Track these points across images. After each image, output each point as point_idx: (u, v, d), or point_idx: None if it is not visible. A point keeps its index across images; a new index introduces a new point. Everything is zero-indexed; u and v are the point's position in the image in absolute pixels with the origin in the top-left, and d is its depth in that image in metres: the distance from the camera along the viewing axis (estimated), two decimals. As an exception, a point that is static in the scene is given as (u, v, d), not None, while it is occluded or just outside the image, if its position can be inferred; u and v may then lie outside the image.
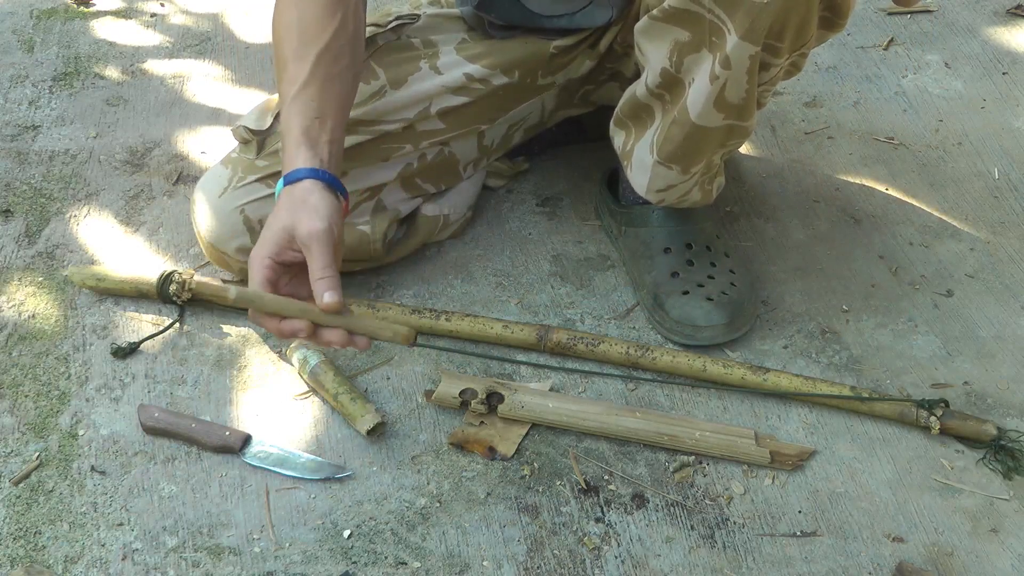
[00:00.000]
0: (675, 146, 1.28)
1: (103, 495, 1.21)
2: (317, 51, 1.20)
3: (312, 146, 1.15)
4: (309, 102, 1.18)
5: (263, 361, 1.36)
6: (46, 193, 1.61)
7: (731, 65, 1.15)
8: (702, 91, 1.20)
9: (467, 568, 1.14)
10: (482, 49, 1.42)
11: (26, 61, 1.90)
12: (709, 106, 1.21)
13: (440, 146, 1.43)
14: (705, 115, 1.22)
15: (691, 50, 1.18)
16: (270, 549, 1.16)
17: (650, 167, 1.33)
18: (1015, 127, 1.74)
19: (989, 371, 1.35)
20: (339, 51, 1.22)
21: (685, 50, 1.19)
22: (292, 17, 1.24)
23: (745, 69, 1.16)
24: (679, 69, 1.21)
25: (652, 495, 1.22)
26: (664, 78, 1.24)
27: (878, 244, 1.53)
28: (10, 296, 1.44)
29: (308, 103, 1.18)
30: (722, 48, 1.15)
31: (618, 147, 1.40)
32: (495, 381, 1.31)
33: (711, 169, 1.35)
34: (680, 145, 1.27)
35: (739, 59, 1.15)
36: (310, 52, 1.20)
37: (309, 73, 1.19)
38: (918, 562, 1.15)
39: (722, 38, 1.14)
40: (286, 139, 1.17)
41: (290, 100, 1.19)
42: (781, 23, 1.12)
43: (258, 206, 1.33)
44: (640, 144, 1.34)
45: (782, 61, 1.19)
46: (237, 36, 1.97)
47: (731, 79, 1.17)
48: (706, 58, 1.18)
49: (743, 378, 1.30)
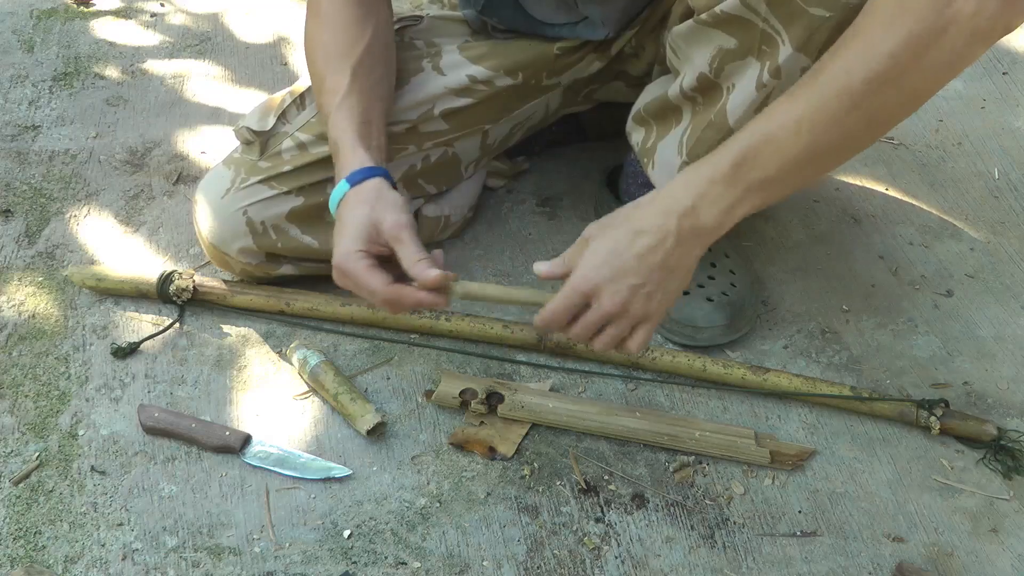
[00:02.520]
0: (707, 149, 1.27)
1: (103, 495, 1.21)
2: (352, 63, 1.25)
3: (367, 148, 1.20)
4: (354, 108, 1.23)
5: (263, 361, 1.36)
6: (46, 193, 1.61)
7: (782, 75, 1.14)
8: (745, 98, 1.19)
9: (467, 568, 1.14)
10: (485, 50, 1.42)
11: (26, 61, 1.90)
12: (750, 113, 1.20)
13: (444, 147, 1.43)
14: (744, 122, 1.21)
15: (735, 57, 1.18)
16: (270, 549, 1.16)
17: (676, 167, 1.32)
18: (1015, 127, 1.74)
19: (989, 371, 1.35)
20: (373, 63, 1.27)
21: (728, 57, 1.18)
22: (324, 36, 1.29)
23: (794, 80, 1.15)
24: (719, 75, 1.20)
25: (652, 495, 1.22)
26: (701, 82, 1.23)
27: (878, 244, 1.53)
28: (10, 296, 1.44)
29: (353, 109, 1.23)
30: (773, 58, 1.14)
31: (636, 143, 1.39)
32: (495, 381, 1.31)
33: None
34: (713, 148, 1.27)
35: (791, 70, 1.14)
36: (346, 65, 1.25)
37: (348, 84, 1.24)
38: (918, 562, 1.15)
39: (774, 48, 1.13)
40: (341, 144, 1.21)
41: (335, 109, 1.23)
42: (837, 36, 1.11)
43: (261, 207, 1.33)
44: (665, 143, 1.33)
45: None
46: (237, 36, 1.97)
47: (778, 89, 1.16)
48: (752, 66, 1.16)
49: (743, 378, 1.30)
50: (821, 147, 1.01)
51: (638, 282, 1.06)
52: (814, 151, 1.01)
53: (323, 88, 1.26)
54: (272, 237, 1.35)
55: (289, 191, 1.34)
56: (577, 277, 1.07)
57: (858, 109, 0.98)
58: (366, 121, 1.23)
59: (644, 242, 1.06)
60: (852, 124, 1.00)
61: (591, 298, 1.08)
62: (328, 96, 1.24)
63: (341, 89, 1.23)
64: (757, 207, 1.06)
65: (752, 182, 1.03)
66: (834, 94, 0.98)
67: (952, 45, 0.94)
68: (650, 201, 1.08)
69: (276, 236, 1.35)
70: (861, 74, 0.97)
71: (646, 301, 1.07)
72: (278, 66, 1.89)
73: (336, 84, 1.24)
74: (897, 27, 0.94)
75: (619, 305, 1.07)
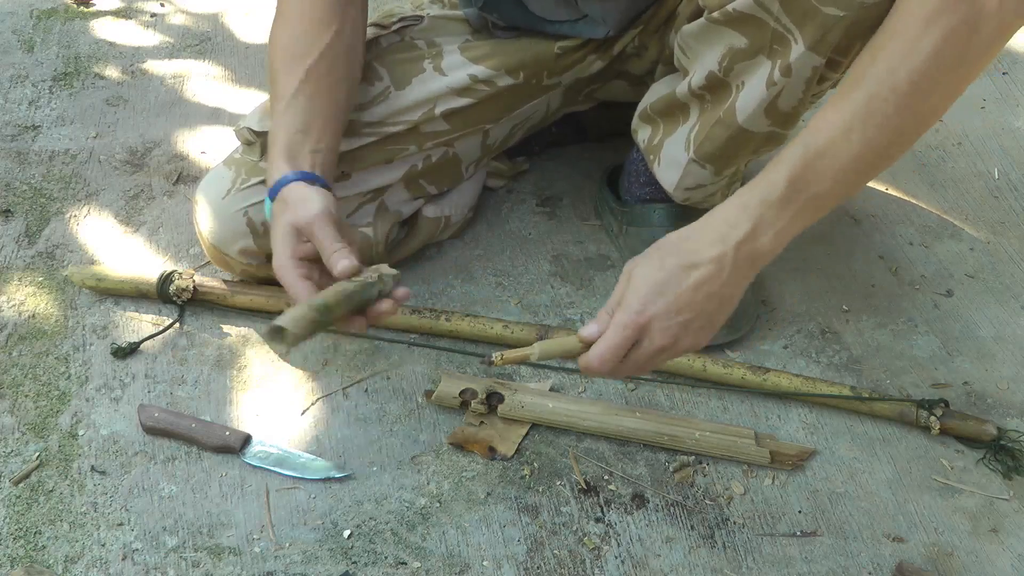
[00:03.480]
0: (716, 146, 1.28)
1: (103, 495, 1.21)
2: (307, 65, 1.23)
3: (292, 159, 1.19)
4: (294, 116, 1.21)
5: (263, 361, 1.36)
6: (46, 193, 1.61)
7: (792, 74, 1.15)
8: (755, 96, 1.19)
9: (467, 568, 1.14)
10: (486, 50, 1.42)
11: (26, 61, 1.90)
12: (760, 111, 1.21)
13: (444, 147, 1.42)
14: (753, 119, 1.22)
15: (745, 56, 1.18)
16: (270, 549, 1.16)
17: (683, 164, 1.33)
18: (1015, 127, 1.74)
19: (989, 371, 1.35)
20: (333, 62, 1.25)
21: (739, 56, 1.18)
22: (285, 33, 1.27)
23: (805, 79, 1.16)
24: (728, 73, 1.21)
25: (652, 495, 1.22)
26: (710, 80, 1.23)
27: (878, 244, 1.53)
28: (10, 296, 1.44)
29: (293, 117, 1.21)
30: (785, 56, 1.14)
31: (642, 141, 1.39)
32: (495, 381, 1.31)
33: (738, 174, 1.35)
34: (721, 146, 1.27)
35: (801, 69, 1.14)
36: (300, 66, 1.23)
37: (296, 87, 1.22)
38: (918, 562, 1.15)
39: (786, 47, 1.14)
40: (269, 156, 1.20)
41: (276, 116, 1.22)
42: (850, 38, 1.11)
43: (262, 208, 1.33)
44: (672, 140, 1.33)
45: (838, 75, 1.18)
46: (237, 36, 1.97)
47: (788, 87, 1.17)
48: (763, 64, 1.17)
49: (743, 378, 1.30)
50: (871, 152, 1.00)
51: (691, 316, 1.02)
52: (865, 157, 1.00)
53: (274, 91, 1.25)
54: (273, 238, 1.35)
55: None
56: (630, 312, 1.02)
57: (907, 109, 0.98)
58: (303, 129, 1.21)
59: (699, 274, 1.01)
60: (900, 124, 0.99)
61: (642, 334, 1.03)
62: (275, 101, 1.24)
63: (287, 93, 1.22)
64: (809, 224, 1.03)
65: (808, 199, 1.01)
66: (881, 97, 0.98)
67: (987, 38, 0.95)
68: (701, 229, 1.04)
69: (276, 237, 1.35)
70: (905, 74, 0.96)
71: (696, 335, 1.03)
72: (278, 66, 1.89)
73: (284, 88, 1.23)
74: (936, 25, 0.95)
75: (670, 339, 1.03)
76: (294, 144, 1.20)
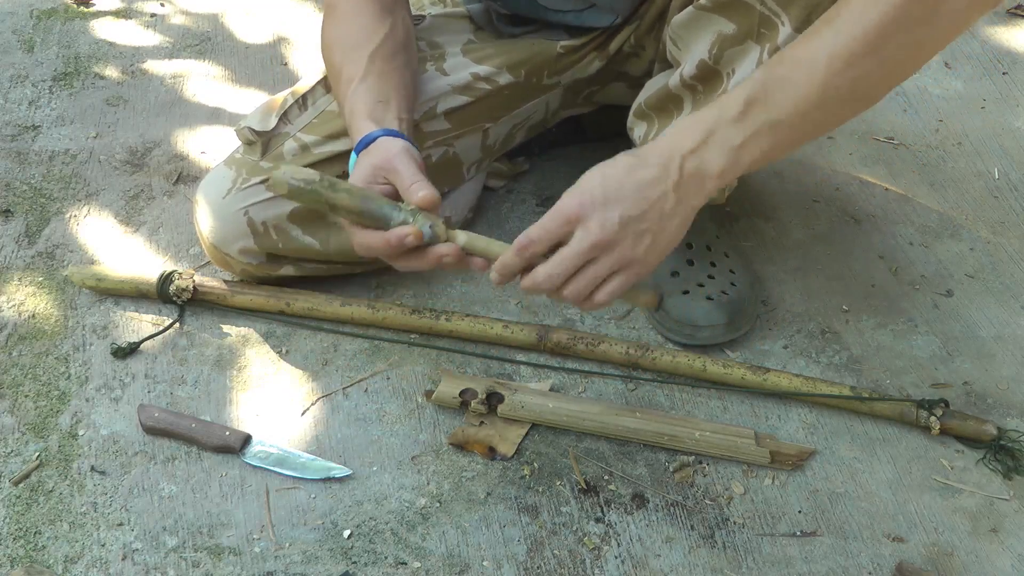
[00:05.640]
0: None
1: (103, 495, 1.21)
2: (369, 51, 1.23)
3: (379, 121, 1.18)
4: (368, 91, 1.20)
5: (263, 361, 1.36)
6: (46, 193, 1.61)
7: None
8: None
9: (467, 568, 1.14)
10: (489, 51, 1.42)
11: (26, 61, 1.90)
12: None
13: (444, 146, 1.42)
14: None
15: (734, 43, 1.18)
16: (270, 549, 1.16)
17: None
18: (1015, 127, 1.74)
19: (989, 371, 1.35)
20: (393, 51, 1.26)
21: (727, 42, 1.19)
22: (340, 32, 1.28)
23: None
24: (718, 61, 1.21)
25: (652, 495, 1.22)
26: (701, 70, 1.24)
27: (878, 244, 1.53)
28: (10, 296, 1.44)
29: (368, 92, 1.20)
30: (773, 40, 1.15)
31: (638, 138, 1.39)
32: (495, 381, 1.31)
33: None
34: None
35: None
36: (363, 53, 1.23)
37: (365, 69, 1.22)
38: (918, 562, 1.15)
39: (774, 30, 1.14)
40: (351, 124, 1.19)
41: (349, 95, 1.21)
42: None
43: (262, 208, 1.33)
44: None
45: None
46: (237, 36, 1.97)
47: None
48: (753, 49, 1.18)
49: (743, 378, 1.30)
50: (834, 91, 0.99)
51: (634, 213, 1.00)
52: (826, 93, 0.99)
53: (340, 79, 1.25)
54: (273, 238, 1.35)
55: None
56: (563, 201, 1.00)
57: (873, 54, 0.98)
58: (382, 101, 1.21)
59: (644, 174, 1.01)
60: (865, 69, 0.99)
61: (577, 225, 1.01)
62: (344, 85, 1.24)
63: (357, 76, 1.22)
64: (762, 156, 1.02)
65: (762, 124, 1.00)
66: (850, 36, 0.97)
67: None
68: (654, 142, 1.04)
69: (277, 237, 1.35)
70: (876, 16, 0.96)
71: (635, 241, 1.01)
72: (278, 66, 1.89)
73: (352, 72, 1.23)
74: None
75: (608, 236, 1.00)
76: (377, 112, 1.19)
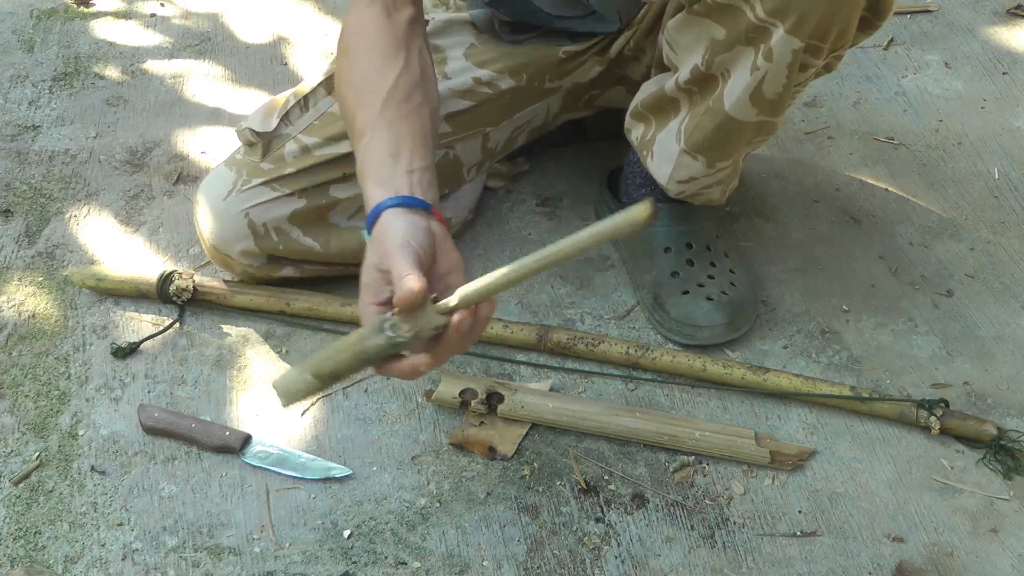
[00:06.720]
0: (705, 136, 1.28)
1: (103, 495, 1.21)
2: (382, 98, 1.18)
3: (386, 184, 1.12)
4: (378, 145, 1.15)
5: (263, 361, 1.36)
6: (46, 193, 1.61)
7: (773, 58, 1.16)
8: (741, 83, 1.20)
9: (467, 568, 1.14)
10: (491, 55, 1.42)
11: (26, 61, 1.90)
12: (745, 98, 1.21)
13: (445, 148, 1.42)
14: (739, 107, 1.23)
15: (726, 48, 1.19)
16: (270, 549, 1.16)
17: (675, 156, 1.32)
18: (1015, 127, 1.74)
19: (989, 371, 1.35)
20: (408, 91, 1.20)
21: (719, 47, 1.19)
22: (353, 74, 1.22)
23: (787, 63, 1.17)
24: (710, 66, 1.22)
25: (652, 495, 1.22)
26: (695, 75, 1.24)
27: (878, 244, 1.53)
28: (10, 296, 1.44)
29: (378, 145, 1.15)
30: (766, 41, 1.16)
31: (635, 139, 1.39)
32: (495, 381, 1.31)
33: (736, 169, 1.35)
34: (710, 135, 1.27)
35: (782, 53, 1.16)
36: (375, 100, 1.18)
37: (376, 118, 1.16)
38: (918, 562, 1.15)
39: (766, 33, 1.15)
40: (363, 186, 1.14)
41: (360, 150, 1.16)
42: (828, 22, 1.13)
43: (263, 209, 1.33)
44: (664, 133, 1.33)
45: (820, 63, 1.20)
46: (237, 36, 1.97)
47: (771, 72, 1.18)
48: (747, 52, 1.18)
49: (743, 378, 1.30)
50: None
51: None
52: None
53: (353, 128, 1.20)
54: (274, 239, 1.35)
55: (291, 193, 1.34)
56: None
57: None
58: (392, 154, 1.15)
59: None
60: None
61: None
62: (356, 138, 1.19)
63: (367, 128, 1.17)
64: None
65: None
66: None
67: None
68: None
69: (278, 238, 1.35)
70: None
71: None
72: (278, 66, 1.89)
73: (363, 123, 1.18)
74: None
75: None
76: (384, 170, 1.13)
